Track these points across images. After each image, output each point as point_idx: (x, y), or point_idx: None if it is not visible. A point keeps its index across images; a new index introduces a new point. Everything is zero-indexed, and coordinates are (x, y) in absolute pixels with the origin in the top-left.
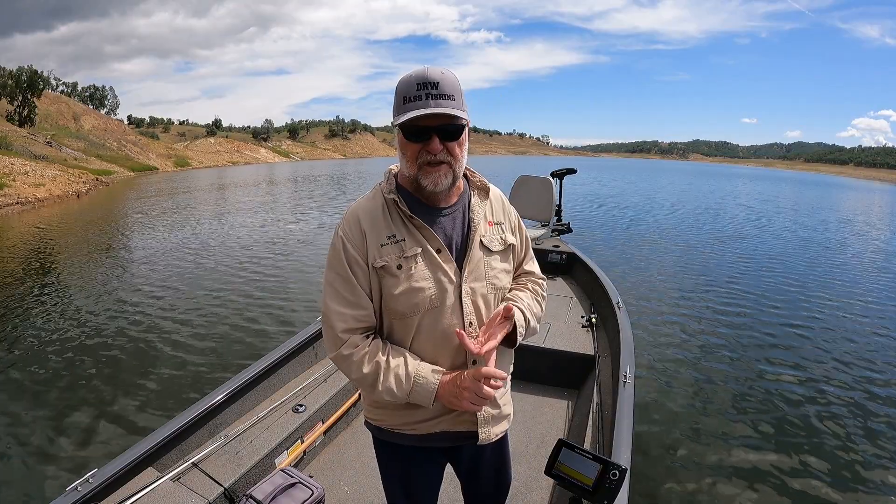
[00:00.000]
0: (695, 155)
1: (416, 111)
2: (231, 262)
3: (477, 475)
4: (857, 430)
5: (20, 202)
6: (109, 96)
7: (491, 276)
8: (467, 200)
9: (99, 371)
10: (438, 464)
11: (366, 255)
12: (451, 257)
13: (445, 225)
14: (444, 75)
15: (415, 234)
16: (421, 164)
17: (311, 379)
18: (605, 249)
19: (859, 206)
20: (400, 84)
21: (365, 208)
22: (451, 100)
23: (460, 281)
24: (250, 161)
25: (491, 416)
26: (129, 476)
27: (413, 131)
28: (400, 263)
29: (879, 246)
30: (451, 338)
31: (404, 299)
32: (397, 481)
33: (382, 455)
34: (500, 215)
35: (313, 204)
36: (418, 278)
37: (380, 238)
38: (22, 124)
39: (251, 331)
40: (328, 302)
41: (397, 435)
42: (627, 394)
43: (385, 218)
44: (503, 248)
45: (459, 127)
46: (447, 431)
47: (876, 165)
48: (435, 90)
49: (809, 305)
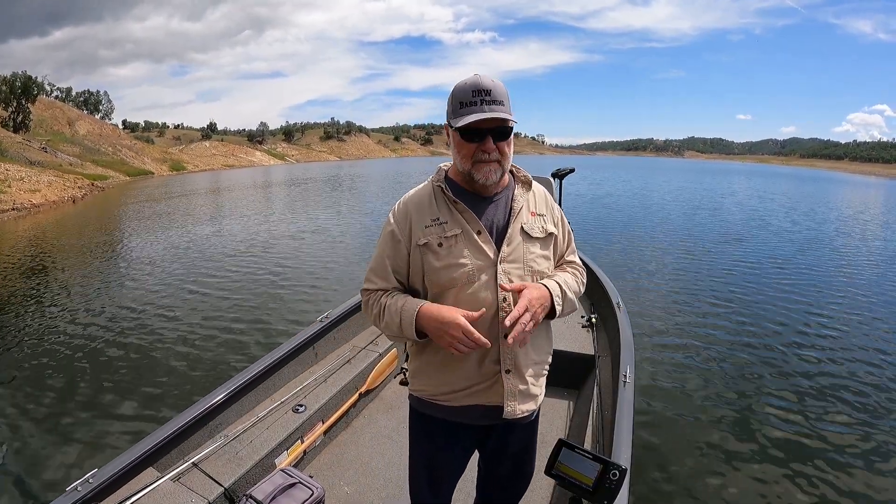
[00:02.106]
0: (690, 152)
1: (473, 115)
2: (229, 263)
3: (501, 458)
4: (857, 430)
5: (16, 208)
6: (104, 101)
7: (529, 259)
8: (511, 191)
9: (99, 372)
10: (466, 448)
11: (409, 236)
12: (491, 239)
13: (489, 211)
14: (495, 83)
15: (457, 217)
16: (476, 161)
17: (311, 379)
18: (605, 249)
19: (856, 201)
20: (456, 90)
21: (414, 196)
22: (502, 105)
23: (497, 261)
24: (246, 164)
25: (518, 391)
26: (129, 476)
27: (471, 132)
28: (441, 242)
29: (882, 245)
30: (488, 310)
31: (444, 273)
32: (423, 455)
33: (416, 428)
34: (543, 208)
35: (310, 206)
36: (457, 255)
37: (424, 220)
38: (17, 130)
39: (251, 331)
40: (369, 266)
41: (434, 406)
42: (627, 394)
43: (431, 203)
44: (543, 237)
45: (509, 129)
46: (480, 406)
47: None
48: (488, 97)
49: (810, 304)
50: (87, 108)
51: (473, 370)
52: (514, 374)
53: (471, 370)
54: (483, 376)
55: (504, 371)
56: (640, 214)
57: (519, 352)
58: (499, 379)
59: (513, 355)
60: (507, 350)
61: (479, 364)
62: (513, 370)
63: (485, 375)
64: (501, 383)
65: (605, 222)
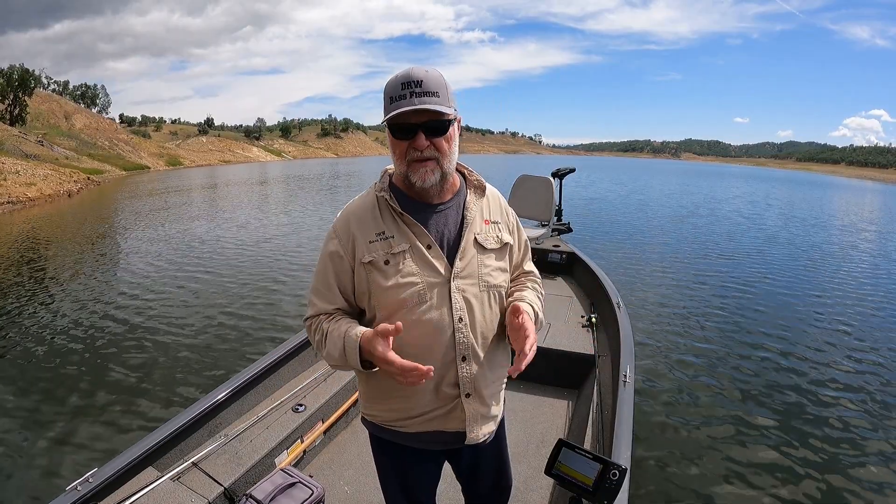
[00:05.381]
0: (687, 154)
1: (400, 109)
2: (228, 260)
3: (477, 477)
4: (858, 430)
5: (11, 202)
6: (101, 95)
7: (484, 273)
8: (463, 198)
9: (98, 371)
10: (436, 462)
11: (353, 253)
12: (443, 254)
13: (438, 222)
14: (427, 73)
15: (404, 230)
16: (409, 160)
17: (311, 379)
18: (606, 249)
19: (854, 207)
20: (387, 85)
21: (356, 207)
22: (435, 96)
23: (450, 276)
24: (242, 160)
25: (480, 415)
26: (129, 476)
27: (399, 129)
28: (388, 259)
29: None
30: (442, 332)
31: (392, 293)
32: (394, 478)
33: (378, 451)
34: (497, 214)
35: (306, 202)
36: (406, 273)
37: (368, 235)
38: (13, 123)
39: (251, 330)
40: (310, 288)
41: (392, 433)
42: (627, 394)
43: (375, 215)
44: (498, 247)
45: (445, 122)
46: (439, 431)
47: (867, 164)
48: (419, 88)
49: (811, 304)
50: (84, 102)
51: (429, 396)
52: (474, 398)
53: (426, 396)
54: (441, 402)
55: (464, 395)
56: (641, 215)
57: (478, 374)
58: (458, 404)
59: (472, 378)
60: (466, 373)
61: (435, 390)
62: (473, 394)
63: (443, 401)
64: (461, 408)
65: (605, 222)
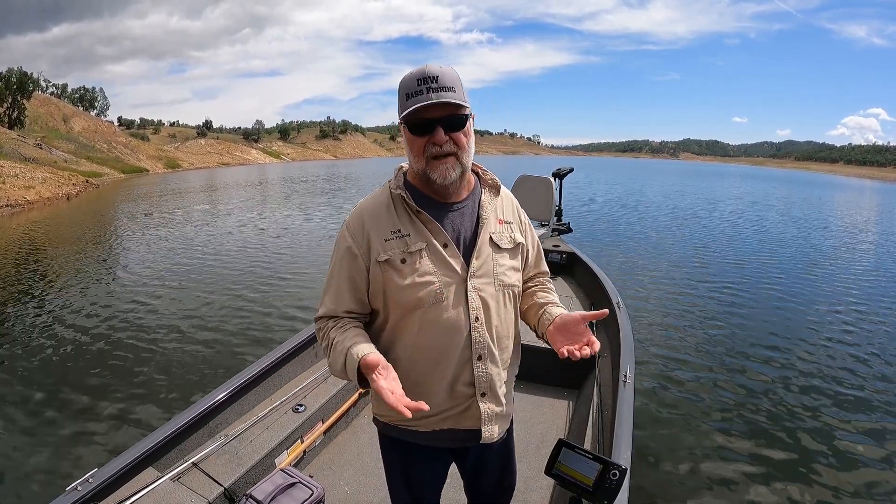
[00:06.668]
0: (686, 154)
1: (420, 104)
2: (227, 261)
3: (481, 476)
4: (858, 430)
5: (10, 205)
6: (99, 97)
7: (499, 272)
8: (478, 197)
9: (97, 371)
10: (443, 461)
11: (368, 251)
12: (459, 252)
13: (454, 220)
14: (443, 69)
15: (421, 228)
16: (428, 157)
17: (311, 379)
18: (606, 249)
19: (853, 206)
20: (402, 82)
21: (369, 205)
22: (451, 91)
23: (467, 276)
24: (241, 162)
25: (495, 414)
26: (129, 476)
27: (417, 125)
28: (404, 258)
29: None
30: (458, 332)
31: (409, 293)
32: (400, 476)
33: (388, 449)
34: (511, 215)
35: (307, 204)
36: (423, 272)
37: (383, 233)
38: (11, 126)
39: (251, 330)
40: (323, 286)
41: (403, 431)
42: (627, 394)
43: (390, 213)
44: (512, 247)
45: (463, 117)
46: (452, 430)
47: (866, 163)
48: (435, 83)
49: (811, 304)
50: (83, 105)
51: (444, 395)
52: (489, 398)
53: (441, 395)
54: (455, 401)
55: (479, 395)
56: (640, 215)
57: (493, 374)
58: (473, 403)
59: (488, 378)
60: (481, 373)
61: (450, 389)
62: (488, 393)
63: (457, 400)
64: (476, 407)
65: (605, 222)
